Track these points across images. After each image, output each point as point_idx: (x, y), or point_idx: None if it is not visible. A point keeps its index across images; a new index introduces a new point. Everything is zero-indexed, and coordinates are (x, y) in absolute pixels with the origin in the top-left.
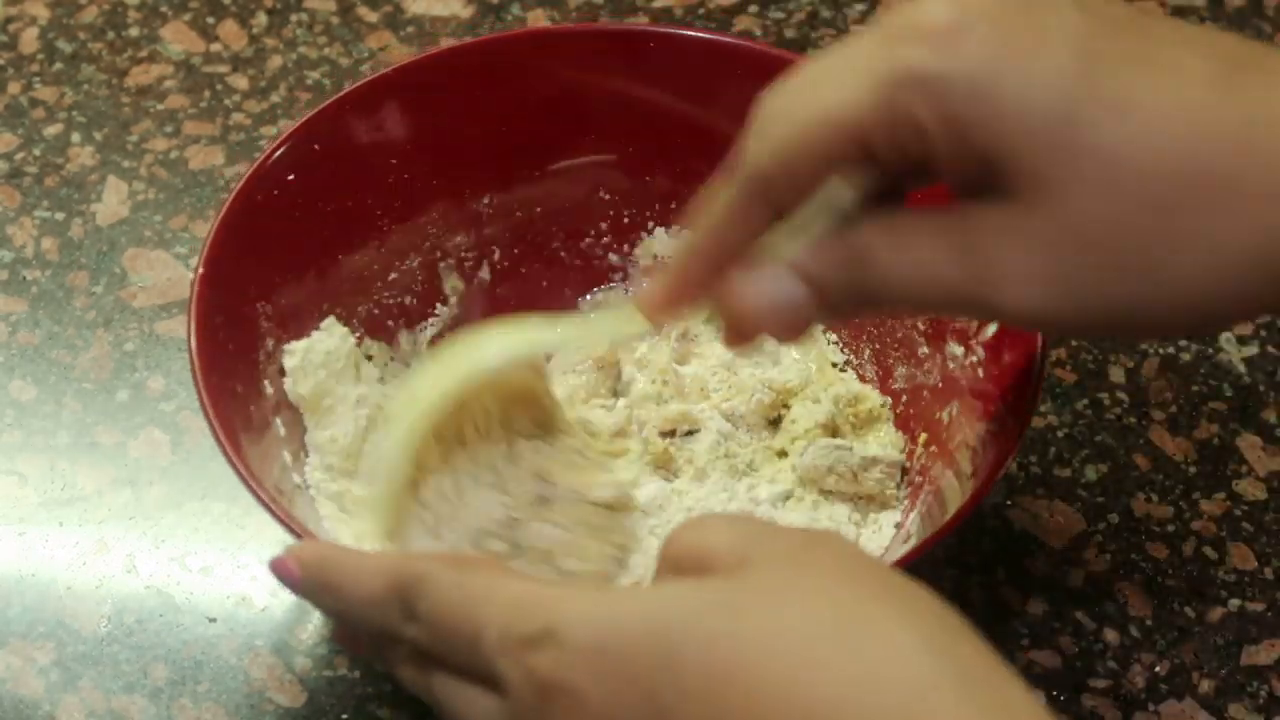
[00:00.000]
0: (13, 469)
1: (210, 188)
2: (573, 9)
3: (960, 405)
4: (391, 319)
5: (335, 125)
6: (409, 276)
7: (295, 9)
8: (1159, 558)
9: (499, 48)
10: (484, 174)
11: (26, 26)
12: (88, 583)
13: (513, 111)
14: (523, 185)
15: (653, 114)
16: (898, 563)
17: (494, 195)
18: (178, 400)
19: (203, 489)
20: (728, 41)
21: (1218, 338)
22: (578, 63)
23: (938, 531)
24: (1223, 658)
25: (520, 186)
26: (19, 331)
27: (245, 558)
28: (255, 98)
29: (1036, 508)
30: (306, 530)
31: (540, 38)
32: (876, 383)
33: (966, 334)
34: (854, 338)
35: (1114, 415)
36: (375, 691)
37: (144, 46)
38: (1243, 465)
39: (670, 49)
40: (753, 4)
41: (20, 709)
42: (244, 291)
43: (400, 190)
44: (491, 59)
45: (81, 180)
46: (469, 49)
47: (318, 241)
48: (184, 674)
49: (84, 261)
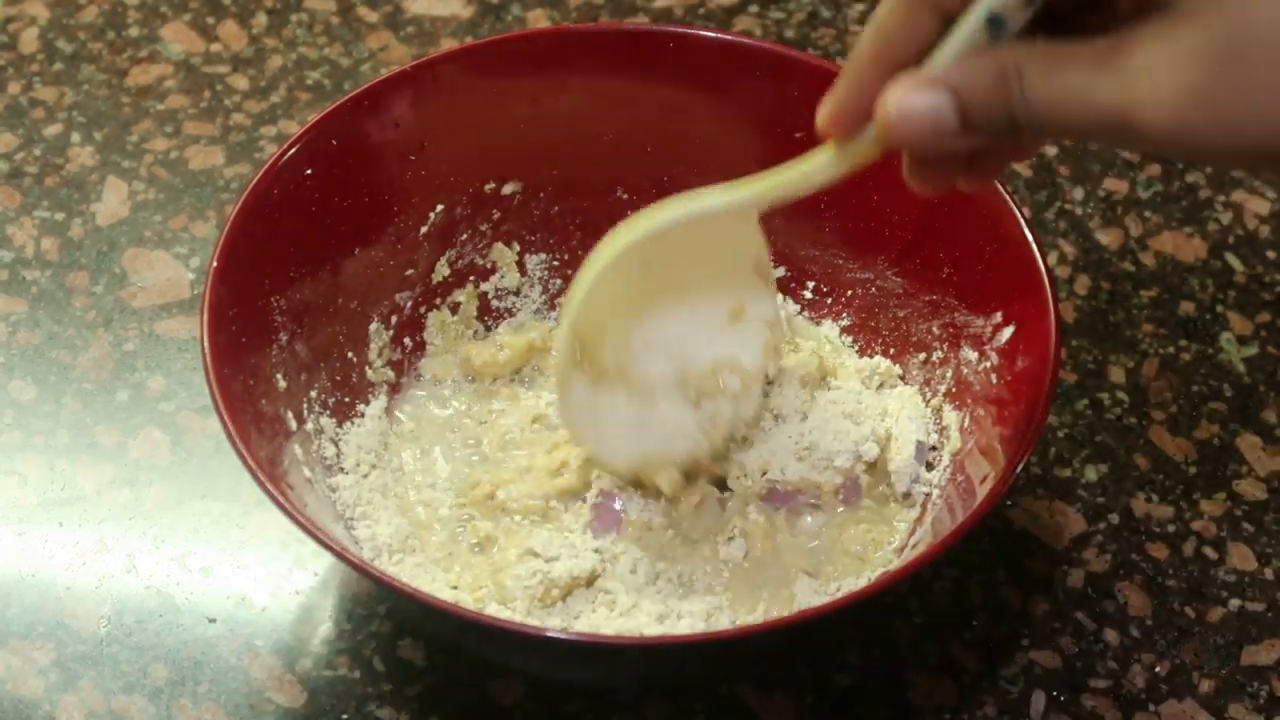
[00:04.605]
0: (13, 469)
1: (210, 188)
2: (573, 9)
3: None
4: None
5: (352, 121)
6: (425, 272)
7: (295, 9)
8: (1159, 558)
9: (516, 45)
10: (501, 170)
11: (26, 26)
12: (87, 583)
13: (529, 108)
14: (540, 182)
15: (671, 112)
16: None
17: (512, 192)
18: (178, 400)
19: (203, 489)
20: (744, 42)
21: (1218, 337)
22: (596, 61)
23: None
24: (1223, 658)
25: (537, 183)
26: (19, 331)
27: (245, 558)
28: (255, 98)
29: (1036, 508)
30: (315, 525)
31: (560, 36)
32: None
33: (981, 339)
34: (869, 341)
35: (1114, 415)
36: (375, 691)
37: (144, 46)
38: (1243, 465)
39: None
40: (753, 4)
41: (20, 709)
42: (258, 286)
43: (417, 185)
44: (508, 57)
45: (81, 180)
46: (486, 46)
47: (333, 237)
48: (184, 674)
49: (84, 261)
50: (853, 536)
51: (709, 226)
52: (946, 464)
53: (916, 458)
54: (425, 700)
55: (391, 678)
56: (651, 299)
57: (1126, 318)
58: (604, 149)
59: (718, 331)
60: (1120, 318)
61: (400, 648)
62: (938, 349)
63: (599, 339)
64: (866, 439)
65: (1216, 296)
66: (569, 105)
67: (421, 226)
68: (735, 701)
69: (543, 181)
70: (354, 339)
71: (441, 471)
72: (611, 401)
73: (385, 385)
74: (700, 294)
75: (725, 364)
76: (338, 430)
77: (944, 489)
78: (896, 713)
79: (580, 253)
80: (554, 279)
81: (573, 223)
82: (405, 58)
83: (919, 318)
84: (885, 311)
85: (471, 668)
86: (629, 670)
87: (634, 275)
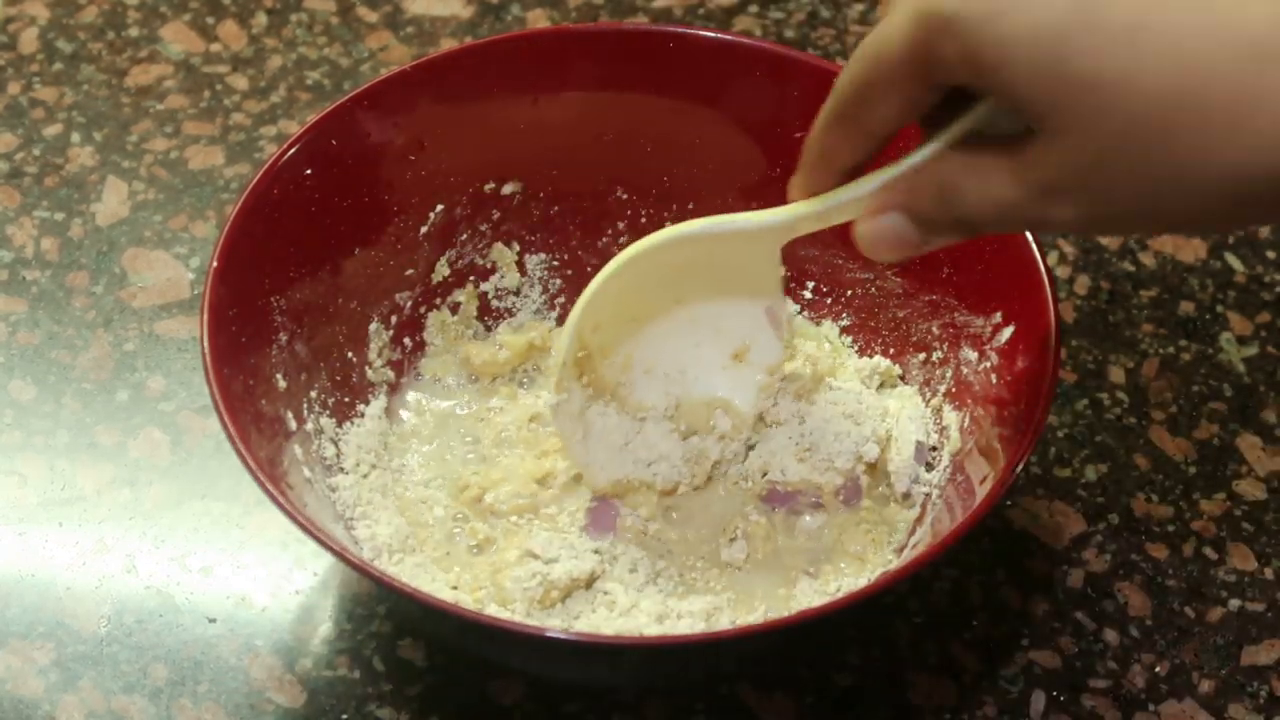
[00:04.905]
0: (13, 469)
1: (210, 188)
2: (572, 9)
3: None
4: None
5: (352, 121)
6: (425, 272)
7: (295, 9)
8: (1159, 558)
9: (516, 45)
10: (501, 170)
11: (26, 26)
12: (87, 583)
13: (529, 108)
14: (540, 182)
15: (671, 112)
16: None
17: (511, 192)
18: (178, 400)
19: (203, 489)
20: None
21: (1218, 337)
22: (596, 61)
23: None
24: (1223, 658)
25: (537, 183)
26: (19, 331)
27: (245, 558)
28: (255, 98)
29: (1036, 508)
30: (315, 525)
31: (560, 36)
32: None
33: (981, 339)
34: (869, 341)
35: (1114, 415)
36: (375, 691)
37: (144, 46)
38: (1243, 465)
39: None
40: (752, 4)
41: (20, 709)
42: (258, 286)
43: (417, 185)
44: (508, 57)
45: (81, 180)
46: (486, 46)
47: (333, 237)
48: (184, 674)
49: (84, 261)
50: (853, 537)
51: (731, 256)
52: (946, 464)
53: (916, 458)
54: (425, 700)
55: (391, 678)
56: (660, 324)
57: (1126, 318)
58: (604, 149)
59: (718, 369)
60: (1120, 318)
61: (400, 648)
62: (938, 349)
63: (603, 353)
64: (866, 439)
65: (1216, 296)
66: (569, 105)
67: (421, 226)
68: (735, 701)
69: (542, 181)
70: (354, 339)
71: (440, 472)
72: (603, 417)
73: (385, 385)
74: (709, 329)
75: (719, 403)
76: (337, 430)
77: (944, 489)
78: (896, 713)
79: (580, 253)
80: (554, 279)
81: (573, 223)
82: (405, 58)
83: (919, 318)
84: (885, 311)
85: (471, 668)
86: (629, 670)
87: (646, 293)
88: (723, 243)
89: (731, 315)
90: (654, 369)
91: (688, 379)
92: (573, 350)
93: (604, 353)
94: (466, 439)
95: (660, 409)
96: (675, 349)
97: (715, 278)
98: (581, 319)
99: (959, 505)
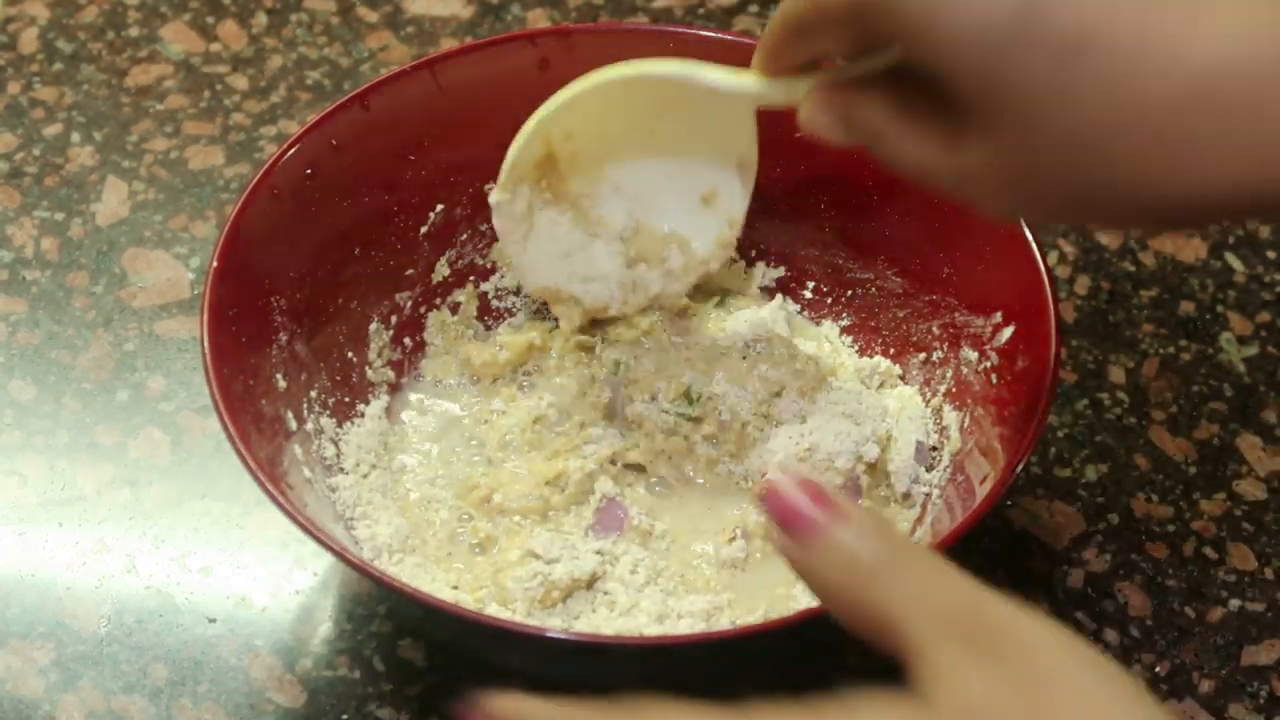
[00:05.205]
0: (13, 469)
1: (210, 188)
2: (573, 9)
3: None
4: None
5: (352, 121)
6: (425, 272)
7: (295, 9)
8: (1159, 558)
9: (516, 45)
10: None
11: (26, 26)
12: (87, 583)
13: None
14: None
15: None
16: None
17: None
18: (178, 400)
19: (203, 489)
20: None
21: (1218, 337)
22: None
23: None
24: (1223, 658)
25: None
26: (19, 331)
27: (245, 558)
28: (255, 98)
29: (1036, 508)
30: (315, 525)
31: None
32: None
33: (981, 339)
34: (869, 341)
35: (1114, 415)
36: (375, 691)
37: (144, 46)
38: (1243, 465)
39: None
40: (753, 4)
41: (20, 709)
42: (258, 286)
43: (417, 185)
44: (508, 57)
45: (81, 180)
46: (486, 46)
47: (333, 237)
48: (184, 674)
49: (84, 261)
50: None
51: (709, 102)
52: (946, 464)
53: (916, 458)
54: (425, 700)
55: (391, 678)
56: (636, 146)
57: (1126, 318)
58: None
59: (684, 206)
60: (1120, 318)
61: (400, 648)
62: (938, 349)
63: (573, 162)
64: (867, 439)
65: (1216, 296)
66: None
67: (421, 226)
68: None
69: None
70: (354, 339)
71: (441, 472)
72: (553, 224)
73: (385, 385)
74: (683, 163)
75: (678, 239)
76: (338, 430)
77: (944, 489)
78: None
79: None
80: None
81: None
82: (405, 58)
83: (919, 318)
84: (885, 311)
85: (471, 668)
86: (629, 670)
87: (626, 114)
88: (695, 93)
89: (705, 161)
90: (623, 187)
91: (655, 208)
92: (528, 152)
93: (573, 162)
94: (469, 441)
95: (618, 228)
96: (650, 174)
97: (691, 126)
98: (547, 124)
99: (959, 505)
